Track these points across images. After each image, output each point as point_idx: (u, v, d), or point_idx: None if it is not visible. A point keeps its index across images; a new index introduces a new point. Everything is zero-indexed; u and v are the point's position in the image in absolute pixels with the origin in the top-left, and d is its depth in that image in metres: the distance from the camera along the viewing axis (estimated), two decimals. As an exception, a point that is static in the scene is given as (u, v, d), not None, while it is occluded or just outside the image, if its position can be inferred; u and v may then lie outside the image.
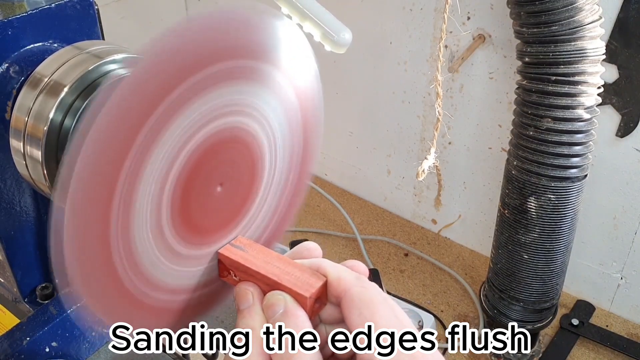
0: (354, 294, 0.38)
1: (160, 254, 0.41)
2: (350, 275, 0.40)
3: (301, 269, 0.41)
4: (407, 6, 1.78)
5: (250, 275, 0.42)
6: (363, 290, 0.38)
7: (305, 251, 0.44)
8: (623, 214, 1.65)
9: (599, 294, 1.82)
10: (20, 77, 0.55)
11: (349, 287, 0.39)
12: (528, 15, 1.27)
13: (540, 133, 1.34)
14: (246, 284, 0.42)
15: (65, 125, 0.52)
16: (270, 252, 0.44)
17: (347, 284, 0.39)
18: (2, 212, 0.60)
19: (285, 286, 0.40)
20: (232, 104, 0.42)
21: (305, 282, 0.40)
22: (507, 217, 1.49)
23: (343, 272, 0.40)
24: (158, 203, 0.40)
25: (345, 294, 0.38)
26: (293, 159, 0.49)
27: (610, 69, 1.45)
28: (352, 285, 0.39)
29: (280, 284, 0.40)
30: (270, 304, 0.39)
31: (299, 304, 0.39)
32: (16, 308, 0.69)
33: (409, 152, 2.05)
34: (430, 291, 1.91)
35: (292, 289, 0.40)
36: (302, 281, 0.40)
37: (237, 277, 0.44)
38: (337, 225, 2.15)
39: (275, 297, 0.40)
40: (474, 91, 1.76)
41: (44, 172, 0.53)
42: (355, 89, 2.07)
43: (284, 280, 0.40)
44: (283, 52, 0.44)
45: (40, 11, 0.57)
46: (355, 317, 0.37)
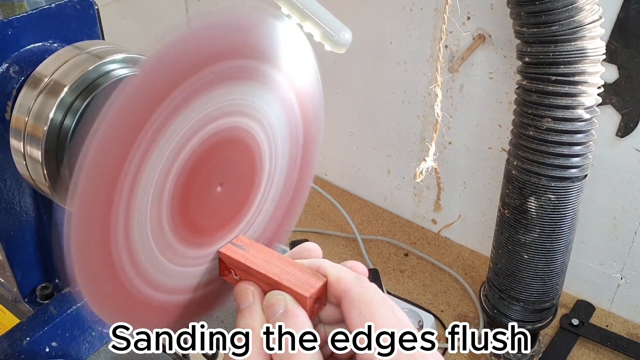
0: (354, 294, 0.38)
1: (160, 253, 0.41)
2: (350, 275, 0.40)
3: (301, 269, 0.41)
4: (407, 6, 1.78)
5: (251, 274, 0.42)
6: (363, 290, 0.38)
7: (305, 252, 0.44)
8: (623, 214, 1.65)
9: (599, 294, 1.82)
10: (20, 77, 0.55)
11: (349, 287, 0.39)
12: (528, 15, 1.27)
13: (540, 133, 1.34)
14: (247, 283, 0.42)
15: (65, 125, 0.52)
16: (271, 251, 0.44)
17: (347, 284, 0.39)
18: (2, 212, 0.60)
19: (285, 286, 0.40)
20: (232, 104, 0.42)
21: (306, 282, 0.40)
22: (507, 217, 1.49)
23: (343, 272, 0.40)
24: (158, 203, 0.40)
25: (345, 293, 0.39)
26: (293, 159, 0.49)
27: (610, 69, 1.45)
28: (352, 285, 0.39)
29: (281, 283, 0.40)
30: (270, 304, 0.39)
31: (299, 304, 0.39)
32: (16, 308, 0.69)
33: (409, 152, 2.05)
34: (430, 291, 1.91)
35: (292, 288, 0.40)
36: (302, 281, 0.40)
37: (238, 276, 0.44)
38: (337, 225, 2.15)
39: (276, 297, 0.40)
40: (474, 91, 1.76)
41: (44, 172, 0.53)
42: (355, 89, 2.07)
43: (284, 280, 0.40)
44: (283, 53, 0.44)
45: (40, 11, 0.57)
46: (354, 317, 0.37)
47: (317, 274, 0.41)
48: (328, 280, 0.40)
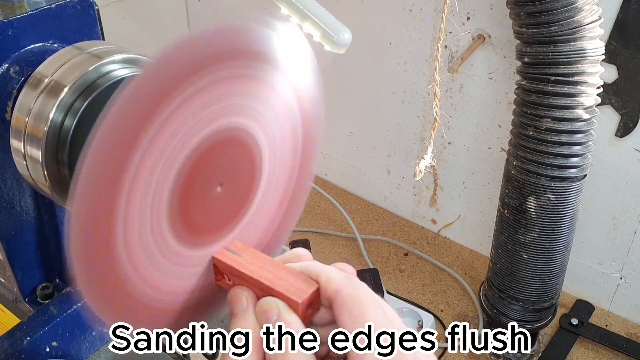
0: (345, 295, 0.39)
1: (160, 253, 0.41)
2: (341, 276, 0.40)
3: (294, 275, 0.41)
4: (407, 6, 1.78)
5: (244, 279, 0.42)
6: (353, 291, 0.39)
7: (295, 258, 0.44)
8: (622, 213, 1.65)
9: (599, 294, 1.82)
10: (20, 78, 0.55)
11: (340, 288, 0.39)
12: (528, 15, 1.27)
13: (539, 133, 1.34)
14: (240, 288, 0.42)
15: (65, 125, 0.52)
16: (264, 257, 0.44)
17: (338, 285, 0.39)
18: (2, 212, 0.60)
19: (278, 291, 0.40)
20: (232, 104, 0.42)
21: (299, 288, 0.40)
22: (507, 217, 1.49)
23: (333, 274, 0.40)
24: (159, 204, 0.40)
25: (336, 295, 0.39)
26: (293, 159, 0.49)
27: (610, 69, 1.45)
28: (343, 287, 0.39)
29: (273, 289, 0.40)
30: (263, 310, 0.40)
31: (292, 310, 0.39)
32: (17, 308, 0.69)
33: (409, 152, 2.05)
34: (429, 291, 1.91)
35: (285, 294, 0.40)
36: (295, 287, 0.40)
37: (231, 281, 0.44)
38: (337, 225, 2.15)
39: (269, 303, 0.40)
40: (474, 91, 1.76)
41: (44, 172, 0.53)
42: (355, 89, 2.07)
43: (277, 286, 0.40)
44: (283, 54, 0.44)
45: (40, 11, 0.57)
46: (345, 318, 0.38)
47: (309, 279, 0.41)
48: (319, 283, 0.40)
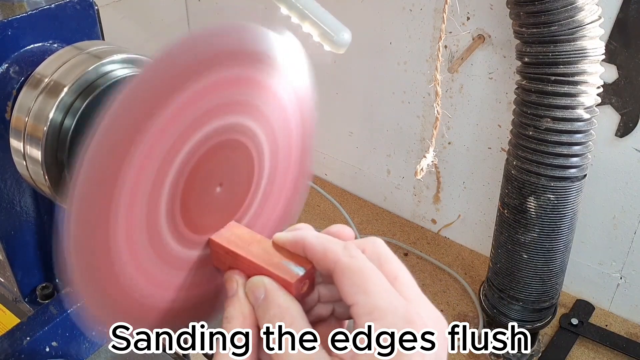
0: (344, 265, 0.38)
1: (160, 253, 0.41)
2: (337, 246, 0.40)
3: (289, 254, 0.41)
4: (407, 6, 1.78)
5: (238, 260, 0.42)
6: (352, 260, 0.39)
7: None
8: (622, 213, 1.65)
9: (599, 294, 1.82)
10: (20, 78, 0.55)
11: (337, 259, 0.39)
12: (528, 15, 1.27)
13: (539, 133, 1.34)
14: (232, 272, 0.42)
15: (65, 125, 0.52)
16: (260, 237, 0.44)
17: (335, 256, 0.39)
18: (2, 212, 0.60)
19: (271, 271, 0.40)
20: (232, 104, 0.43)
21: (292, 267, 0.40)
22: (507, 217, 1.49)
23: (328, 244, 0.40)
24: (158, 204, 0.40)
25: (335, 266, 0.39)
26: (293, 159, 0.50)
27: (610, 69, 1.45)
28: (340, 256, 0.39)
29: (266, 269, 0.40)
30: (251, 290, 0.40)
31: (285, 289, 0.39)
32: (16, 308, 0.69)
33: (409, 152, 2.05)
34: (429, 291, 1.91)
35: (277, 274, 0.40)
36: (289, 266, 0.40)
37: (227, 263, 0.44)
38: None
39: (255, 282, 0.40)
40: (474, 91, 1.76)
41: (44, 172, 0.53)
42: (355, 89, 2.07)
43: (270, 266, 0.40)
44: (281, 55, 0.45)
45: (40, 11, 0.57)
46: (348, 287, 0.38)
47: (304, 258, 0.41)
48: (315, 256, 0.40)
